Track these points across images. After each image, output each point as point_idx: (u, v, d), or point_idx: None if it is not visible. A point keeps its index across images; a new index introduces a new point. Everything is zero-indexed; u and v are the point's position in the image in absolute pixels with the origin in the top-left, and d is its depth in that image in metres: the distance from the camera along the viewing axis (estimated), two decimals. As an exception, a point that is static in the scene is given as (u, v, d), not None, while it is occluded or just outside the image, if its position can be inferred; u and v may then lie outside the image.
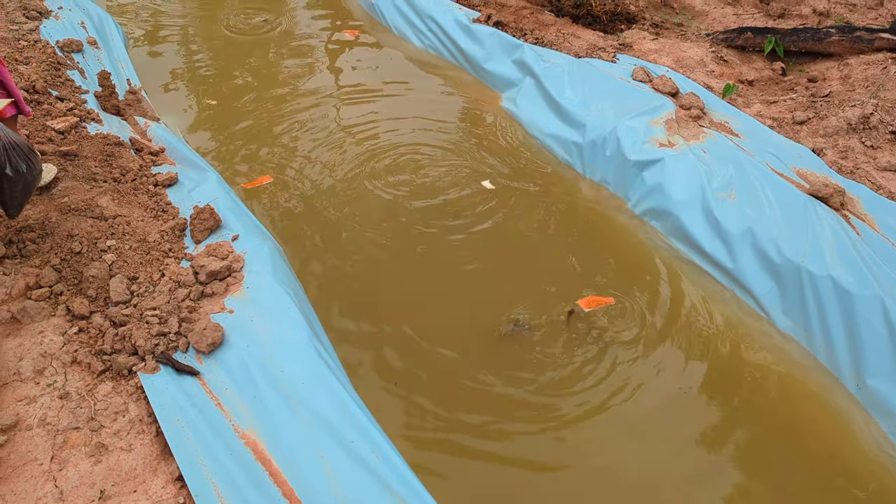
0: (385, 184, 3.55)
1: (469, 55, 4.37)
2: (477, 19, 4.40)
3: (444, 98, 4.30)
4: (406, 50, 4.73)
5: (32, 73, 3.50)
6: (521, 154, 3.84)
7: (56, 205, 2.70)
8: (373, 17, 5.06)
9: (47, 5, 4.13)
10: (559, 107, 3.81)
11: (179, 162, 3.23)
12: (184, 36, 4.75)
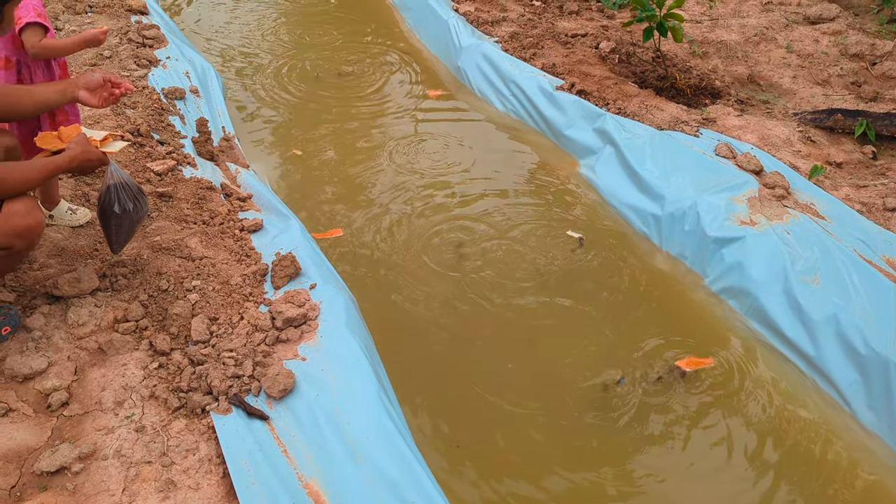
0: (457, 239, 3.60)
1: (550, 121, 4.42)
2: (560, 87, 4.47)
3: (522, 161, 4.36)
4: (488, 112, 4.83)
5: (138, 117, 3.73)
6: (597, 221, 3.84)
7: (149, 243, 2.84)
8: (458, 79, 5.20)
9: (157, 55, 4.41)
10: (639, 177, 3.80)
11: (265, 209, 3.35)
12: (277, 88, 4.98)
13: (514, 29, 5.33)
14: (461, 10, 5.58)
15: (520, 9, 5.76)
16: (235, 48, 5.55)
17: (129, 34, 4.54)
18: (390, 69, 5.36)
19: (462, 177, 4.15)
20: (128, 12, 4.89)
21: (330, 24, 6.14)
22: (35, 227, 2.15)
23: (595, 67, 4.79)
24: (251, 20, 6.08)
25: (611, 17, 5.74)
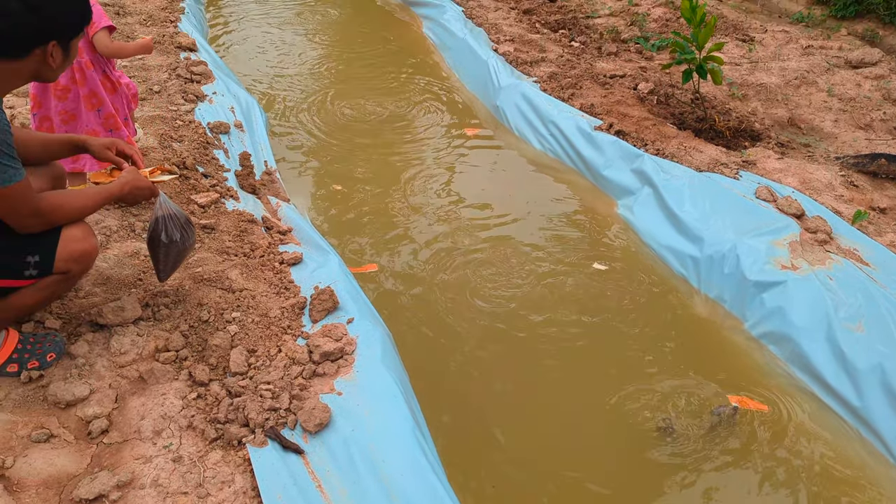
0: (493, 276, 3.60)
1: (588, 161, 4.43)
2: (599, 127, 4.49)
3: (560, 199, 4.37)
4: (525, 151, 4.86)
5: (184, 150, 3.83)
6: (634, 261, 3.82)
7: (191, 274, 2.90)
8: (496, 118, 5.25)
9: (204, 90, 4.54)
10: (677, 219, 3.78)
11: (304, 242, 3.40)
12: (318, 123, 5.08)
13: (553, 69, 5.39)
14: (500, 50, 5.66)
15: (558, 49, 5.82)
16: (279, 83, 5.69)
17: (178, 70, 4.69)
18: (429, 107, 5.44)
19: (499, 214, 4.17)
20: (177, 49, 5.05)
21: (371, 62, 6.28)
22: (91, 251, 2.23)
23: (633, 108, 4.80)
24: (295, 56, 6.24)
25: (649, 58, 5.77)
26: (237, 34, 6.69)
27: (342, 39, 6.87)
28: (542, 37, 6.12)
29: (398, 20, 7.34)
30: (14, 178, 1.92)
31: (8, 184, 1.90)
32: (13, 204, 1.97)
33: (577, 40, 6.07)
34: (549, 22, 6.46)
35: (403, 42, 6.78)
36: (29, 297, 2.17)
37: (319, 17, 7.42)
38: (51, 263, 2.13)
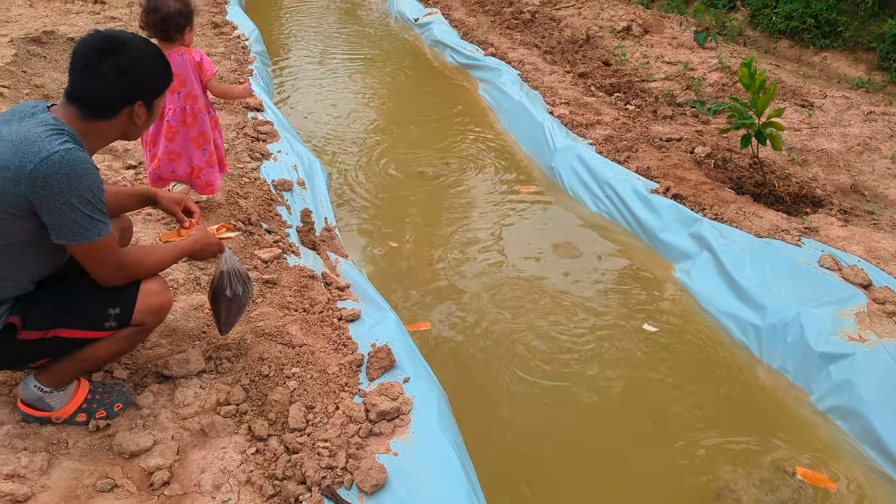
0: (546, 334, 3.58)
1: (644, 223, 4.42)
2: (655, 190, 4.48)
3: (615, 261, 4.35)
4: (580, 212, 4.88)
5: (249, 206, 3.96)
6: (692, 327, 3.75)
7: (252, 328, 2.96)
8: (551, 178, 5.29)
9: (270, 149, 4.71)
10: (737, 285, 3.72)
11: (362, 299, 3.45)
12: (376, 180, 5.20)
13: (609, 132, 5.43)
14: (556, 112, 5.74)
15: (614, 112, 5.87)
16: (338, 141, 5.86)
17: (246, 129, 4.88)
18: (485, 166, 5.53)
19: (552, 272, 4.17)
20: (245, 109, 5.27)
21: (427, 123, 6.43)
22: (166, 304, 2.32)
23: (690, 172, 4.79)
24: (353, 116, 6.43)
25: (705, 122, 5.77)
26: (300, 94, 6.94)
27: (399, 100, 7.07)
28: (598, 100, 6.19)
29: (454, 83, 7.53)
30: (103, 233, 2.02)
31: (97, 238, 2.01)
32: (101, 257, 2.08)
33: (632, 103, 6.12)
34: (605, 85, 6.54)
35: (460, 103, 6.93)
36: (105, 348, 2.25)
37: (377, 79, 7.67)
38: (130, 315, 2.21)
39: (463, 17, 8.87)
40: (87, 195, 1.96)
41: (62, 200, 1.92)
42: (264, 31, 7.86)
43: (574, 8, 8.95)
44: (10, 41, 5.64)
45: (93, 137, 2.12)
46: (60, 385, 2.27)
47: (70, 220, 1.95)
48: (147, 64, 2.13)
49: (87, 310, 2.17)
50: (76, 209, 1.94)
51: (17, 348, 2.12)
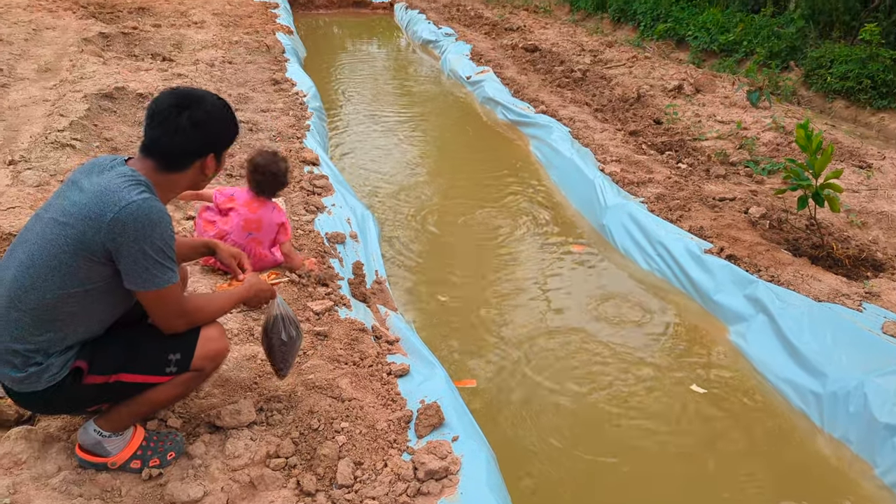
0: (594, 392, 3.51)
1: (697, 284, 4.35)
2: (709, 250, 4.42)
3: (668, 321, 4.28)
4: (632, 270, 4.83)
5: (303, 258, 4.03)
6: (747, 391, 3.65)
7: (303, 380, 2.98)
8: (602, 236, 5.27)
9: (324, 202, 4.82)
10: (796, 350, 3.61)
11: (411, 353, 3.46)
12: (426, 234, 5.26)
13: (661, 190, 5.40)
14: (607, 170, 5.75)
15: (666, 171, 5.85)
16: (390, 195, 5.96)
17: (302, 183, 5.01)
18: (534, 222, 5.54)
19: (604, 333, 4.12)
20: (302, 163, 5.42)
21: (478, 178, 6.50)
22: (224, 351, 2.38)
23: (745, 232, 4.72)
24: (405, 170, 6.55)
25: (759, 182, 5.70)
26: (355, 148, 7.11)
27: (450, 156, 7.18)
28: (649, 158, 6.18)
29: (505, 139, 7.62)
30: (171, 281, 2.10)
31: (165, 285, 2.09)
32: (167, 304, 2.15)
33: (684, 162, 6.10)
34: (656, 143, 6.54)
35: (510, 159, 7.00)
36: (164, 393, 2.30)
37: (429, 134, 7.82)
38: (189, 361, 2.27)
39: (514, 76, 9.02)
40: (159, 243, 2.05)
41: (136, 247, 2.01)
42: (322, 87, 8.12)
43: (625, 67, 9.03)
44: (84, 97, 5.94)
45: (166, 188, 2.23)
46: (119, 430, 2.32)
47: (142, 267, 2.04)
48: (219, 118, 2.26)
49: (149, 355, 2.23)
50: (149, 256, 2.03)
51: (82, 392, 2.18)
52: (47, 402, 2.14)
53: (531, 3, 14.41)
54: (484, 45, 10.74)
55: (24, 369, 2.07)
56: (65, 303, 2.05)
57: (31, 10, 9.63)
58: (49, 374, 2.08)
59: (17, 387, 2.10)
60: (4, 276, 2.10)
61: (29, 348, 2.06)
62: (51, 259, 2.03)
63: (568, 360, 3.87)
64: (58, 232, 2.03)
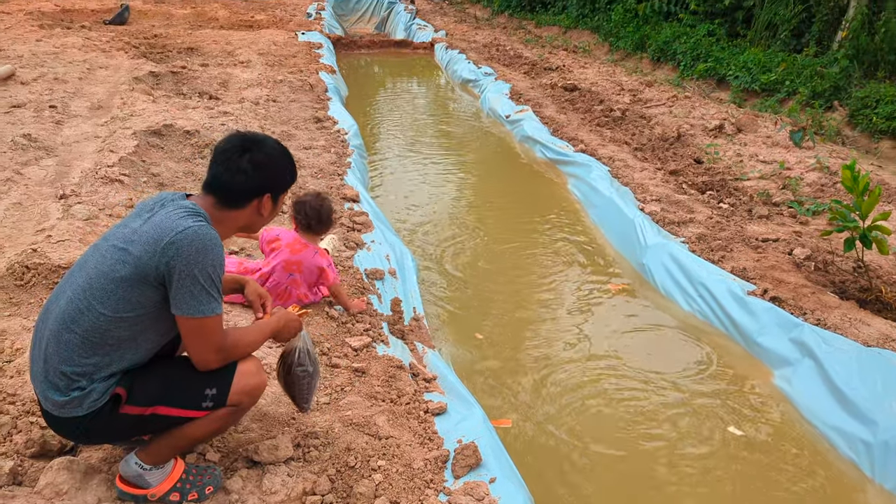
0: (635, 441, 3.44)
1: (740, 326, 4.26)
2: (752, 292, 4.34)
3: (709, 364, 4.19)
4: (672, 311, 4.76)
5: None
6: (793, 439, 3.54)
7: (341, 416, 2.99)
8: (642, 275, 5.21)
9: (364, 238, 4.87)
10: (844, 396, 3.50)
11: (448, 392, 3.44)
12: (464, 271, 5.26)
13: (702, 231, 5.34)
14: (647, 209, 5.71)
15: (707, 211, 5.79)
16: (428, 232, 5.99)
17: (342, 219, 5.07)
18: (573, 261, 5.52)
19: (643, 374, 4.05)
20: (342, 200, 5.50)
21: (515, 217, 6.51)
22: (262, 386, 2.39)
23: (789, 274, 4.62)
24: (443, 207, 6.59)
25: (804, 223, 5.60)
26: (394, 185, 7.19)
27: (489, 193, 7.21)
28: (690, 197, 6.13)
29: (543, 177, 7.64)
30: (215, 311, 2.15)
31: (208, 315, 2.13)
32: (206, 335, 2.18)
33: (725, 202, 6.03)
34: (697, 183, 6.48)
35: (548, 198, 7.00)
36: (202, 428, 2.32)
37: (468, 172, 7.88)
38: (226, 396, 2.28)
39: (553, 115, 9.07)
40: (209, 270, 2.12)
41: (187, 271, 2.08)
42: (363, 125, 8.26)
43: (665, 106, 9.02)
44: (133, 133, 6.13)
45: (223, 225, 2.31)
46: (159, 463, 2.35)
47: (188, 292, 2.09)
48: (279, 161, 2.37)
49: (185, 389, 2.26)
50: (197, 282, 2.09)
51: (119, 422, 2.20)
52: (86, 430, 2.17)
53: (570, 44, 14.54)
54: (523, 85, 10.84)
55: (68, 393, 2.11)
56: (116, 326, 2.11)
57: (85, 50, 10.03)
58: (90, 399, 2.12)
59: (58, 411, 2.13)
60: (60, 298, 2.17)
61: (76, 371, 2.10)
62: (108, 283, 2.10)
63: (607, 403, 3.81)
64: (117, 257, 2.12)
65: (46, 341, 2.14)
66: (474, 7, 21.15)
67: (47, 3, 15.45)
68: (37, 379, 2.16)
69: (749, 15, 12.01)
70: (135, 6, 15.03)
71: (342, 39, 15.41)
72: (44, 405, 2.16)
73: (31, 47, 10.06)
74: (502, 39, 15.19)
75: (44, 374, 2.13)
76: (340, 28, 17.77)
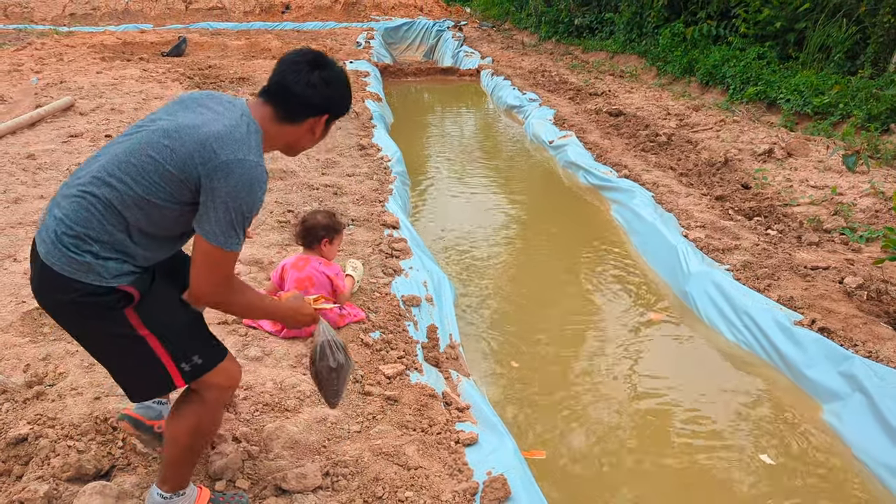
0: (676, 476, 3.33)
1: (787, 358, 4.11)
2: (799, 322, 4.19)
3: (754, 396, 4.06)
4: (716, 341, 4.63)
5: (378, 320, 4.08)
6: (844, 479, 3.38)
7: (371, 445, 2.98)
8: (685, 303, 5.09)
9: (402, 265, 4.89)
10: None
11: (480, 422, 3.40)
12: (500, 297, 5.23)
13: (748, 258, 5.20)
14: (691, 236, 5.60)
15: (753, 237, 5.64)
16: (469, 259, 5.99)
17: (381, 245, 5.11)
18: (614, 288, 5.43)
19: (684, 405, 3.94)
20: (382, 226, 5.54)
21: (556, 242, 6.46)
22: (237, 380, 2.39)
23: (839, 304, 4.45)
24: (486, 233, 6.58)
25: (856, 250, 5.40)
26: (435, 212, 7.23)
27: (530, 219, 7.17)
28: (736, 224, 5.98)
29: (585, 202, 7.57)
30: (233, 248, 2.07)
31: (226, 248, 2.05)
32: (216, 265, 2.08)
33: (773, 228, 5.86)
34: (743, 209, 6.33)
35: (591, 224, 6.93)
36: (181, 426, 2.30)
37: (510, 198, 7.87)
38: (205, 372, 2.24)
39: (597, 140, 9.01)
40: (244, 209, 2.05)
41: (226, 200, 2.01)
42: (406, 151, 8.34)
43: (712, 131, 8.87)
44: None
45: (274, 139, 2.24)
46: (177, 489, 2.35)
47: (217, 218, 2.02)
48: (345, 86, 2.30)
49: (183, 339, 2.21)
50: (229, 213, 2.02)
51: (111, 319, 2.10)
52: (77, 304, 2.05)
53: (617, 69, 14.47)
54: (567, 110, 10.81)
55: (80, 254, 2.02)
56: (140, 207, 2.05)
57: (142, 81, 10.42)
58: (97, 272, 2.03)
59: (65, 268, 2.02)
60: (92, 164, 2.11)
61: (90, 234, 2.03)
62: (147, 164, 2.03)
63: (645, 436, 3.71)
64: (165, 144, 2.04)
65: (69, 201, 2.06)
66: (522, 33, 21.26)
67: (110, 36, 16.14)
68: (46, 240, 2.04)
69: (801, 37, 11.77)
70: (192, 38, 15.59)
71: (390, 67, 15.66)
72: (46, 260, 2.03)
73: (91, 79, 10.52)
74: (548, 65, 15.21)
75: (55, 234, 2.03)
76: (389, 56, 18.07)
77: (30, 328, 3.77)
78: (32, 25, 20.66)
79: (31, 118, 7.84)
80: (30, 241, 4.90)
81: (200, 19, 22.25)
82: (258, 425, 3.08)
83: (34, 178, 6.15)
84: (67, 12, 22.08)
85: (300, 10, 23.53)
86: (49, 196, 5.72)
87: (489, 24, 23.73)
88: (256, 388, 3.32)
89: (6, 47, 14.67)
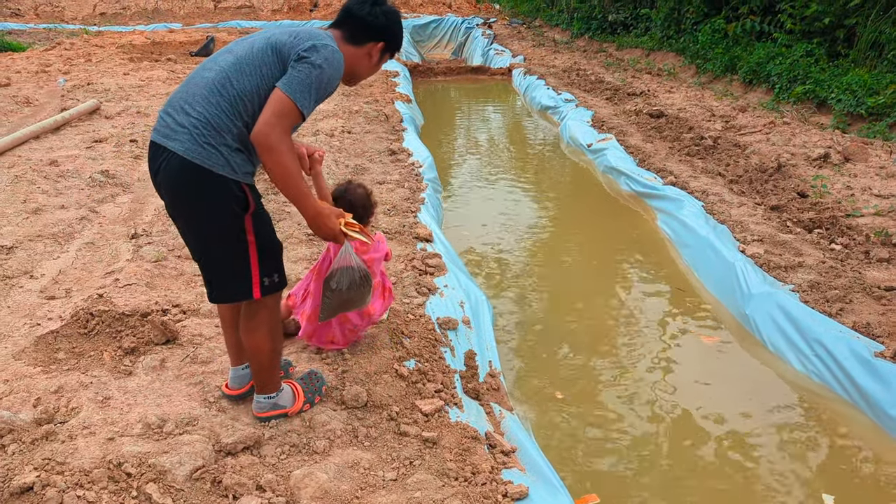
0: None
1: (868, 394, 3.70)
2: (881, 353, 3.78)
3: (830, 436, 3.67)
4: (782, 371, 4.22)
5: (413, 347, 3.75)
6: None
7: (408, 498, 2.66)
8: (744, 327, 4.68)
9: (436, 282, 4.54)
10: None
11: (529, 469, 3.05)
12: (542, 318, 4.88)
13: (814, 277, 4.77)
14: (748, 251, 5.18)
15: (817, 253, 5.21)
16: (506, 273, 5.64)
17: (414, 261, 4.77)
18: (664, 309, 5.05)
19: (748, 445, 3.56)
20: (415, 239, 5.20)
21: (601, 255, 6.10)
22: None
23: (923, 332, 4.03)
24: (521, 245, 6.23)
25: (932, 267, 4.95)
26: (469, 221, 6.87)
27: (571, 230, 6.81)
28: (796, 237, 5.55)
29: (630, 211, 7.17)
30: (303, 108, 2.43)
31: (298, 104, 2.41)
32: (284, 114, 2.40)
33: (837, 242, 5.42)
34: (803, 220, 5.88)
35: (635, 235, 6.54)
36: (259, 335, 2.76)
37: (548, 206, 7.50)
38: (279, 289, 2.76)
39: (639, 143, 8.59)
40: (325, 82, 2.47)
41: (311, 67, 2.43)
42: (437, 155, 8.02)
43: (761, 133, 8.40)
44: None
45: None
46: (276, 389, 2.92)
47: (297, 78, 2.41)
48: (398, 19, 2.75)
49: (273, 259, 2.68)
50: (311, 78, 2.42)
51: (234, 221, 2.52)
52: (199, 185, 2.43)
53: (654, 67, 14.00)
54: (605, 112, 10.40)
55: (216, 146, 2.42)
56: (254, 98, 2.44)
57: (169, 83, 10.23)
58: (231, 166, 2.45)
59: (188, 152, 2.40)
60: (205, 72, 2.51)
61: (219, 124, 2.42)
62: (254, 59, 2.48)
63: (706, 477, 3.34)
64: (263, 45, 2.51)
65: (196, 100, 2.44)
66: (553, 30, 20.81)
67: (139, 36, 16.06)
68: (180, 136, 2.41)
69: (851, 33, 11.21)
70: (220, 37, 15.43)
71: (419, 66, 15.36)
72: (187, 155, 2.40)
73: (118, 81, 10.35)
74: (582, 63, 14.78)
75: (190, 127, 2.41)
76: (417, 54, 17.78)
77: (43, 355, 3.51)
78: (63, 25, 20.72)
79: (55, 122, 7.64)
80: (49, 254, 4.66)
81: (229, 18, 22.17)
82: (284, 471, 2.77)
83: (55, 186, 5.92)
84: (97, 11, 22.14)
85: (328, 8, 23.34)
86: (70, 205, 5.48)
87: (519, 21, 23.31)
88: (283, 426, 3.01)
89: (36, 47, 14.64)
